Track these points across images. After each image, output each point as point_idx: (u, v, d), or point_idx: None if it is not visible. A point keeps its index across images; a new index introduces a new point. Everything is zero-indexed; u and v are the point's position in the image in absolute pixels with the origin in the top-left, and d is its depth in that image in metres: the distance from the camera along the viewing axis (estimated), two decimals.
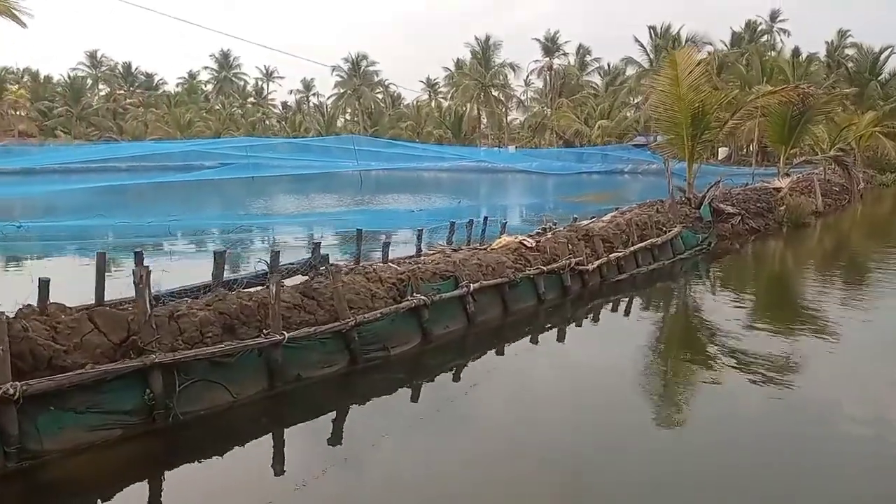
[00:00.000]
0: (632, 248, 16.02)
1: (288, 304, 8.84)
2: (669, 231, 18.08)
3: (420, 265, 11.13)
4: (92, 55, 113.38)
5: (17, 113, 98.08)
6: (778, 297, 16.58)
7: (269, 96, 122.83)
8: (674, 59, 20.90)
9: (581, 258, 14.09)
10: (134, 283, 7.36)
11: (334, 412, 8.32)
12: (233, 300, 8.36)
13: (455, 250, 13.63)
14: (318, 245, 11.82)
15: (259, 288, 9.53)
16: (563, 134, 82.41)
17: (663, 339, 12.47)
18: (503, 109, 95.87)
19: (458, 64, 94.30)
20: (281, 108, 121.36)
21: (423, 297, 10.06)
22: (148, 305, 7.31)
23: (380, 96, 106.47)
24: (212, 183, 40.85)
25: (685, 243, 18.72)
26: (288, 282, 10.54)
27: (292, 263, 11.59)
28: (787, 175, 30.63)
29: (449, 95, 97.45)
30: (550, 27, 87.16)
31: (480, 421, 8.18)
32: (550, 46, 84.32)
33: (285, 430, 7.89)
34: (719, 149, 79.38)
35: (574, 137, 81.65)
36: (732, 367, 10.15)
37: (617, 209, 22.28)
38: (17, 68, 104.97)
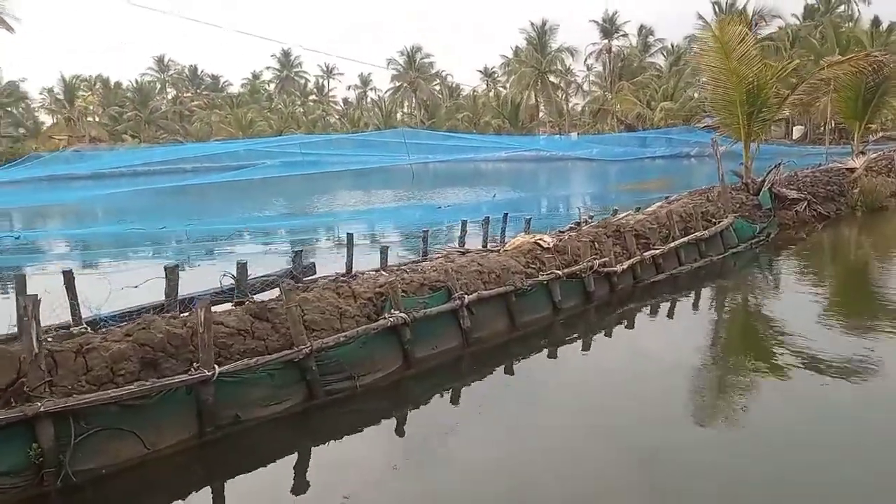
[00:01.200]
0: (672, 244, 14.16)
1: (231, 329, 7.55)
2: (719, 222, 16.07)
3: (407, 275, 9.70)
4: (160, 60, 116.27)
5: (88, 119, 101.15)
6: (850, 291, 14.42)
7: (330, 93, 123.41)
8: (721, 30, 18.75)
9: (607, 258, 12.37)
10: (18, 314, 6.20)
11: (278, 461, 6.99)
12: (160, 327, 7.11)
13: (463, 253, 12.18)
14: (299, 253, 10.58)
15: (218, 308, 8.33)
16: (625, 118, 79.46)
17: (713, 345, 10.75)
18: (563, 96, 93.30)
19: (516, 51, 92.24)
20: (342, 104, 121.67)
21: (401, 315, 8.61)
22: (34, 342, 6.11)
23: (437, 88, 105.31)
24: (275, 181, 40.72)
25: (739, 235, 16.67)
26: (261, 297, 9.34)
27: (269, 275, 10.37)
28: (863, 153, 27.77)
29: (507, 84, 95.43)
30: (608, 8, 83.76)
31: (468, 467, 6.71)
32: (609, 28, 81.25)
33: (217, 487, 6.60)
34: (794, 128, 75.24)
35: (636, 121, 78.61)
36: (801, 369, 8.91)
37: (666, 198, 20.42)
38: (90, 76, 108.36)
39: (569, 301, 11.52)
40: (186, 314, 7.79)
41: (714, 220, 16.14)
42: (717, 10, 71.51)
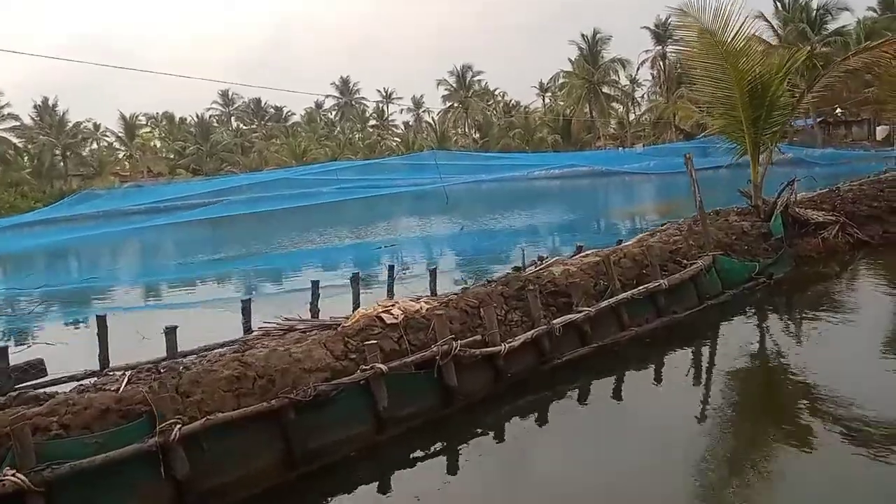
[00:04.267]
0: (603, 304, 10.36)
1: None
2: (692, 264, 12.12)
3: (89, 394, 6.43)
4: (224, 94, 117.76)
5: (146, 154, 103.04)
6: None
7: (390, 117, 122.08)
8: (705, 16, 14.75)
9: (483, 334, 8.79)
10: None
11: None
12: None
13: (287, 330, 8.91)
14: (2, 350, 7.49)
15: None
16: (684, 127, 74.28)
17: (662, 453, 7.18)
18: (623, 108, 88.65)
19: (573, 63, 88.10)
20: (403, 128, 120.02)
21: (16, 479, 5.36)
22: None
23: (490, 104, 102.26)
24: (330, 208, 38.94)
25: (726, 279, 12.66)
26: None
27: None
28: None
29: (558, 97, 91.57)
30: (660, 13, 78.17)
31: None
32: (661, 34, 76.18)
33: None
34: (877, 128, 68.58)
35: (697, 130, 73.26)
36: None
37: (664, 225, 16.73)
38: (157, 113, 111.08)
39: (409, 406, 7.96)
40: None
41: (687, 261, 12.22)
42: (779, 6, 65.94)
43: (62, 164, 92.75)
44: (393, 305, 8.98)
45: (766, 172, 16.19)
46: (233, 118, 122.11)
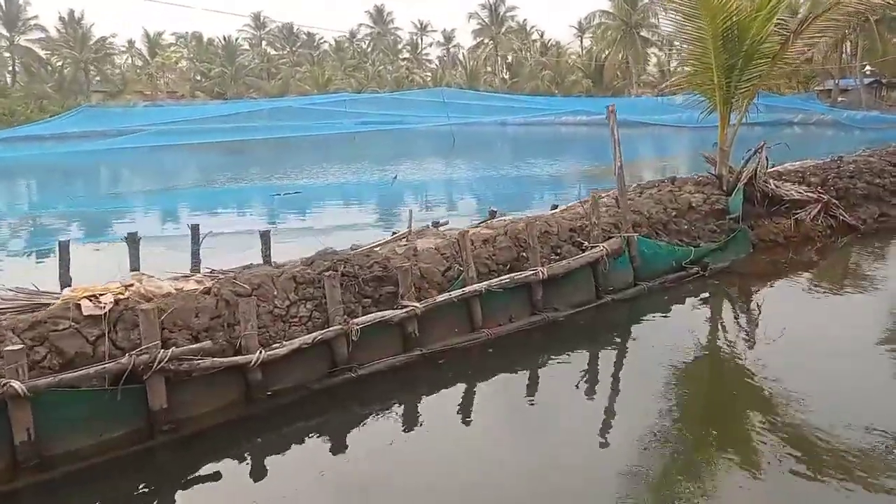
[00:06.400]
0: (449, 295, 7.84)
1: None
2: (594, 247, 9.45)
3: None
4: (256, 17, 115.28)
5: (166, 74, 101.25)
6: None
7: (424, 51, 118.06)
8: None
9: (243, 336, 6.40)
10: None
11: None
12: None
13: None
14: None
15: None
16: None
17: None
18: (665, 55, 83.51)
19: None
20: (438, 63, 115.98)
21: None
22: None
23: (525, 44, 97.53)
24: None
25: (643, 267, 9.98)
26: None
27: None
28: None
29: (593, 40, 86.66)
30: None
31: None
32: None
33: None
34: None
35: None
36: None
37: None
38: (186, 32, 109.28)
39: (85, 438, 5.65)
40: None
41: (589, 242, 9.57)
42: None
43: (85, 79, 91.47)
44: (126, 287, 6.61)
45: (736, 133, 13.25)
46: (263, 42, 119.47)
